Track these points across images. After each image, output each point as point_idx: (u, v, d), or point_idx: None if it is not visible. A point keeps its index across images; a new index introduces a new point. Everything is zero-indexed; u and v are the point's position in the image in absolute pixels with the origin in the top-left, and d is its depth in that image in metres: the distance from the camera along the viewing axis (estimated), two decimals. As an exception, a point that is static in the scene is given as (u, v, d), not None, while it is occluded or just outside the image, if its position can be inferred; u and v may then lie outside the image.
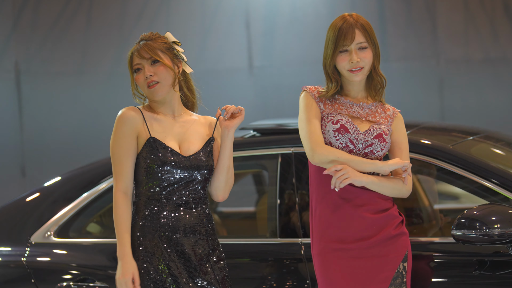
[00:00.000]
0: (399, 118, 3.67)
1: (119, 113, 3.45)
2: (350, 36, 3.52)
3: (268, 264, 4.03)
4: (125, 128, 3.42)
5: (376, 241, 3.52)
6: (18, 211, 4.41)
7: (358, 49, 3.54)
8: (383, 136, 3.55)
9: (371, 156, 3.54)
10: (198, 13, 8.18)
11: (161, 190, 3.42)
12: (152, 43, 3.48)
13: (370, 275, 3.51)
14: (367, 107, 3.62)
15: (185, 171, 3.43)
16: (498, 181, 3.78)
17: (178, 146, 3.46)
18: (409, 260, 3.56)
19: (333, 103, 3.62)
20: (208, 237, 3.47)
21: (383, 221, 3.53)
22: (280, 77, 8.14)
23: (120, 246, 3.38)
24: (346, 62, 3.54)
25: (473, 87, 7.97)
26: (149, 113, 3.48)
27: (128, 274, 3.34)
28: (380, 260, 3.52)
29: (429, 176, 4.48)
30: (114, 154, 3.43)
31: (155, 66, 3.46)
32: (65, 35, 8.24)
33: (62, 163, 7.96)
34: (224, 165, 3.52)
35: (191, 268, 3.41)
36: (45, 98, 8.27)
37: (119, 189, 3.41)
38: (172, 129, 3.49)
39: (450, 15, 7.96)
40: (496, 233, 3.51)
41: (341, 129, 3.53)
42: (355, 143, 3.53)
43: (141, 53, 3.46)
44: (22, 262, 4.21)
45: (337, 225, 3.53)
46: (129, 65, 3.51)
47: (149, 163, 3.41)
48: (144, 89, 3.47)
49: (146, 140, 3.42)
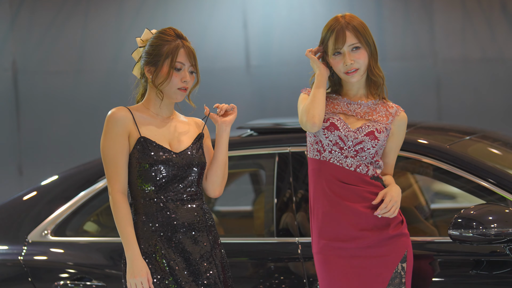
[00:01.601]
0: (402, 117, 3.66)
1: (108, 114, 3.42)
2: (341, 39, 3.54)
3: (265, 263, 4.03)
4: (116, 129, 3.40)
5: (374, 240, 3.53)
6: (15, 209, 4.41)
7: (351, 51, 3.56)
8: (374, 134, 3.56)
9: (361, 154, 3.55)
10: (195, 12, 8.18)
11: (156, 189, 3.41)
12: (193, 49, 3.48)
13: (369, 275, 3.52)
14: (366, 105, 3.63)
15: (177, 167, 3.42)
16: (495, 181, 3.78)
17: (169, 144, 3.46)
18: (409, 261, 3.57)
19: (329, 103, 3.64)
20: (208, 233, 3.47)
21: (380, 220, 3.54)
22: (277, 76, 8.14)
23: (128, 247, 3.35)
24: (341, 65, 3.57)
25: (470, 87, 7.98)
26: (138, 113, 3.46)
27: (143, 274, 3.33)
28: (379, 260, 3.53)
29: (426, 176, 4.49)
30: (106, 156, 3.40)
31: (191, 74, 3.47)
32: (62, 34, 8.23)
33: (59, 162, 7.96)
34: (221, 160, 3.53)
35: (192, 267, 3.40)
36: (43, 97, 8.26)
37: (117, 190, 3.38)
38: (162, 128, 3.48)
39: (447, 15, 7.96)
40: (492, 232, 3.52)
41: (330, 127, 3.56)
42: (344, 141, 3.55)
43: (190, 57, 3.45)
44: (19, 260, 4.21)
45: (333, 222, 3.55)
46: (165, 55, 3.42)
47: (142, 162, 3.39)
48: (172, 88, 3.44)
49: (136, 140, 3.41)
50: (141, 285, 3.32)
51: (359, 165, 3.55)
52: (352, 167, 3.55)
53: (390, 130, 3.62)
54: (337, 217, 3.54)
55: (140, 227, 3.41)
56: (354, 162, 3.55)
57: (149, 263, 3.37)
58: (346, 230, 3.53)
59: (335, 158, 3.56)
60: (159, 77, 3.43)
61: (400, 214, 3.60)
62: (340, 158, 3.56)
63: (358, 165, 3.55)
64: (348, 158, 3.55)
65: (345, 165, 3.55)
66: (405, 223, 3.60)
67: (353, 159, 3.55)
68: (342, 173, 3.55)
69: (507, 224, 3.51)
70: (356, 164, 3.55)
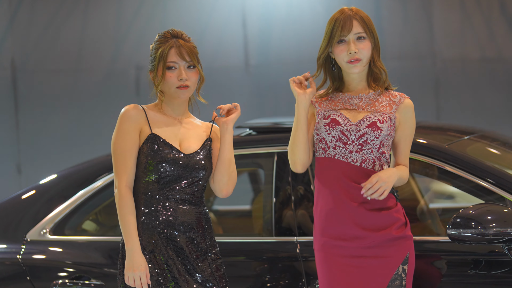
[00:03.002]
0: (406, 104, 3.60)
1: (122, 111, 3.48)
2: (348, 26, 3.52)
3: (263, 263, 4.03)
4: (128, 125, 3.45)
5: (376, 240, 3.50)
6: (13, 208, 4.41)
7: (356, 39, 3.54)
8: (377, 124, 3.52)
9: (366, 146, 3.53)
10: (194, 11, 8.18)
11: (160, 186, 3.44)
12: (190, 46, 3.50)
13: (369, 276, 3.50)
14: (367, 97, 3.59)
15: (183, 168, 3.44)
16: (494, 181, 3.78)
17: (179, 144, 3.49)
18: (411, 263, 3.54)
19: (330, 101, 3.62)
20: (205, 236, 3.49)
21: (383, 220, 3.52)
22: (276, 75, 8.14)
23: (129, 240, 3.38)
24: (344, 53, 3.53)
25: (469, 87, 7.98)
26: (151, 112, 3.51)
27: (142, 268, 3.35)
28: (380, 261, 3.51)
29: (425, 176, 4.49)
30: (116, 150, 3.44)
31: (191, 71, 3.48)
32: (61, 32, 8.23)
33: (58, 161, 7.95)
34: (225, 158, 3.53)
35: (188, 265, 3.42)
36: (41, 95, 8.26)
37: (125, 184, 3.42)
38: (174, 128, 3.52)
39: (446, 14, 7.96)
40: (491, 232, 3.52)
41: (331, 123, 3.54)
42: (347, 135, 3.53)
43: (182, 54, 3.47)
44: (17, 259, 4.21)
45: (336, 220, 3.52)
46: (159, 57, 3.47)
47: (149, 158, 3.43)
48: (171, 88, 3.47)
49: (147, 136, 3.45)
50: (139, 279, 3.34)
51: (365, 160, 3.52)
52: (358, 162, 3.52)
53: (395, 119, 3.57)
54: (341, 215, 3.52)
55: (140, 223, 3.43)
56: (360, 157, 3.52)
57: (148, 259, 3.39)
58: (349, 229, 3.51)
59: (340, 154, 3.53)
60: (156, 80, 3.49)
61: (404, 216, 3.58)
62: (345, 153, 3.53)
63: (364, 160, 3.52)
64: (353, 153, 3.52)
65: (350, 161, 3.52)
66: (408, 225, 3.57)
67: (358, 154, 3.52)
68: (348, 169, 3.52)
69: (506, 223, 3.51)
70: (361, 159, 3.52)
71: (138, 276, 3.35)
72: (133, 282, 3.36)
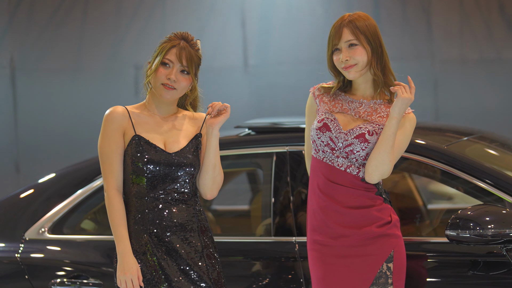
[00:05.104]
0: (407, 117, 3.58)
1: (106, 113, 3.47)
2: (338, 35, 3.57)
3: (262, 263, 4.03)
4: (112, 127, 3.44)
5: (358, 239, 3.53)
6: (12, 207, 4.41)
7: (348, 47, 3.57)
8: (365, 136, 3.54)
9: (351, 156, 3.55)
10: (193, 11, 8.18)
11: (148, 187, 3.43)
12: (193, 52, 3.49)
13: (353, 274, 3.52)
14: (367, 104, 3.61)
15: (169, 167, 3.44)
16: (492, 182, 3.78)
17: (164, 144, 3.48)
18: (397, 261, 3.53)
19: (332, 100, 3.64)
20: (199, 233, 3.48)
21: (363, 218, 3.54)
22: (275, 75, 8.14)
23: (120, 243, 3.38)
24: (338, 61, 3.58)
25: (468, 88, 7.98)
26: (135, 112, 3.50)
27: (133, 271, 3.35)
28: (363, 259, 3.53)
29: (423, 176, 4.49)
30: (102, 153, 3.44)
31: (183, 75, 3.48)
32: (60, 32, 8.23)
33: (56, 160, 7.95)
34: (210, 163, 3.50)
35: (183, 266, 3.42)
36: (40, 95, 8.26)
37: (112, 187, 3.42)
38: (158, 127, 3.51)
39: (445, 15, 7.96)
40: (489, 233, 3.52)
41: (323, 128, 3.57)
42: (335, 142, 3.56)
43: (181, 57, 3.46)
44: (16, 258, 4.21)
45: (321, 220, 3.57)
46: (159, 51, 3.48)
47: (135, 160, 3.42)
48: (157, 82, 3.47)
49: (131, 137, 3.44)
50: (131, 282, 3.34)
51: (350, 165, 3.55)
52: (343, 167, 3.55)
53: None
54: (323, 215, 3.56)
55: (132, 225, 3.43)
56: (345, 162, 3.55)
57: (140, 261, 3.39)
58: (332, 228, 3.55)
59: (328, 157, 3.57)
60: (149, 69, 3.49)
61: (390, 216, 3.58)
62: (332, 158, 3.57)
63: (349, 166, 3.55)
64: (339, 158, 3.56)
65: (336, 165, 3.56)
66: (395, 224, 3.57)
67: (344, 159, 3.56)
68: (333, 172, 3.56)
69: (504, 225, 3.51)
70: (347, 164, 3.55)
71: (130, 279, 3.35)
72: (125, 285, 3.36)
